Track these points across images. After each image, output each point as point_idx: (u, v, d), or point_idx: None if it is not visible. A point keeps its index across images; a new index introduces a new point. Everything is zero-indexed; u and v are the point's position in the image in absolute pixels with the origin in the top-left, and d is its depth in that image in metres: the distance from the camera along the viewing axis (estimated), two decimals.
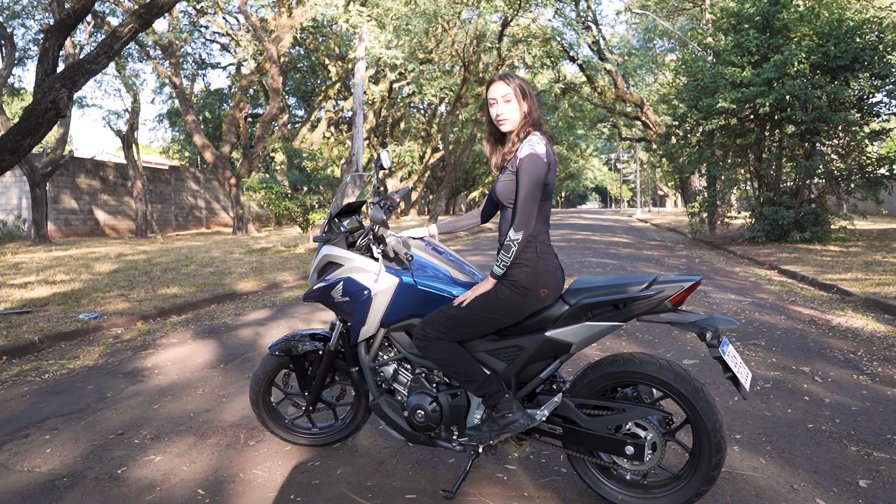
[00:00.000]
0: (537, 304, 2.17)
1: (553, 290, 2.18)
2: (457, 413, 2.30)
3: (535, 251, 2.18)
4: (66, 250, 13.11)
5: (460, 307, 2.20)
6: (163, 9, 6.61)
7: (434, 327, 2.22)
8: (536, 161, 2.12)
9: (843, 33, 10.81)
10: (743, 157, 13.19)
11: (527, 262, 2.16)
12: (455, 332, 2.21)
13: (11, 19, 17.51)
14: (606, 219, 32.72)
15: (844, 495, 2.32)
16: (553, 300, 2.19)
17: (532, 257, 2.17)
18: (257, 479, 2.58)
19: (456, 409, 2.29)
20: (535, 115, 2.25)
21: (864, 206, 18.15)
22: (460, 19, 18.21)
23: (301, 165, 14.60)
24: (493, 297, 2.17)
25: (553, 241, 2.37)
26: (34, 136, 5.79)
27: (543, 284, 2.16)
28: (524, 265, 2.16)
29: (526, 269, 2.15)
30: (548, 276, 2.17)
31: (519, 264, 2.16)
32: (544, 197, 2.18)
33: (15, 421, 3.33)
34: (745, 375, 2.05)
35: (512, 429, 2.16)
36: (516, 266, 2.16)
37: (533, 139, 2.17)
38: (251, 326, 5.63)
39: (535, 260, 2.16)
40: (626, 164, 58.22)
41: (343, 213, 2.62)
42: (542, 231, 2.23)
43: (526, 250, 2.17)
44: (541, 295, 2.16)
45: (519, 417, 2.16)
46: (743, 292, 6.82)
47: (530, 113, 2.24)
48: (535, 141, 2.16)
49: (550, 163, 2.17)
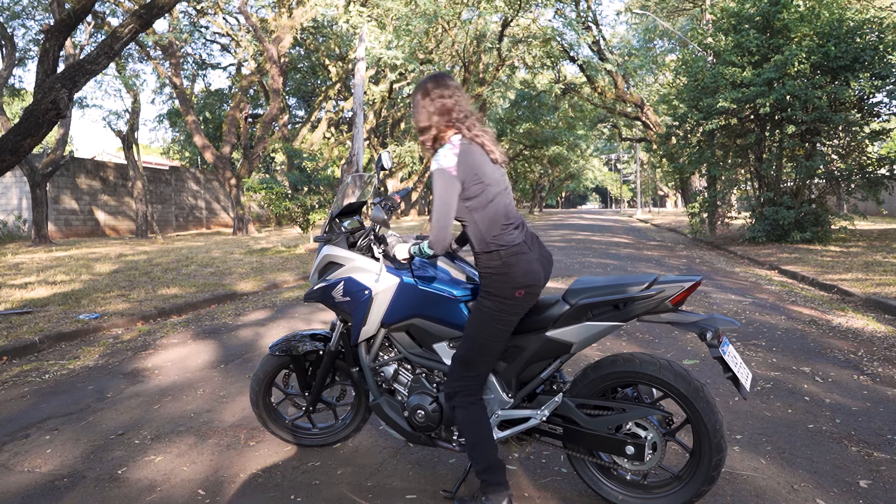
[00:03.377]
0: (524, 304, 2.12)
1: (532, 287, 2.09)
2: None
3: (499, 258, 2.08)
4: (67, 251, 13.12)
5: (464, 344, 2.15)
6: (163, 9, 6.61)
7: (457, 379, 2.16)
8: (443, 177, 2.02)
9: (844, 33, 10.81)
10: (743, 157, 13.19)
11: (494, 271, 2.08)
12: (477, 368, 2.14)
13: (12, 20, 17.53)
14: (607, 219, 32.72)
15: (845, 496, 2.32)
16: (535, 297, 2.13)
17: (498, 265, 2.08)
18: (257, 479, 2.58)
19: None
20: (454, 115, 2.10)
21: (864, 207, 18.16)
22: (460, 20, 18.21)
23: (301, 166, 14.61)
24: (483, 314, 2.11)
25: (553, 241, 2.38)
26: (34, 136, 5.79)
27: (517, 286, 2.07)
28: (493, 274, 2.09)
29: (495, 277, 2.08)
30: (521, 277, 2.07)
31: (487, 274, 2.10)
32: (490, 196, 2.07)
33: (15, 421, 3.33)
34: (746, 375, 2.05)
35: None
36: (486, 276, 2.10)
37: (441, 151, 2.06)
38: (251, 327, 5.63)
39: (502, 266, 2.07)
40: (626, 165, 58.22)
41: (344, 214, 2.62)
42: (505, 232, 2.10)
43: (490, 259, 2.09)
44: (517, 297, 2.08)
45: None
46: (743, 292, 6.82)
47: (441, 114, 2.11)
48: (442, 154, 2.05)
49: (465, 173, 2.04)
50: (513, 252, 2.09)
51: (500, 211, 2.11)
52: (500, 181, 2.15)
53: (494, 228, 2.09)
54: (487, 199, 2.09)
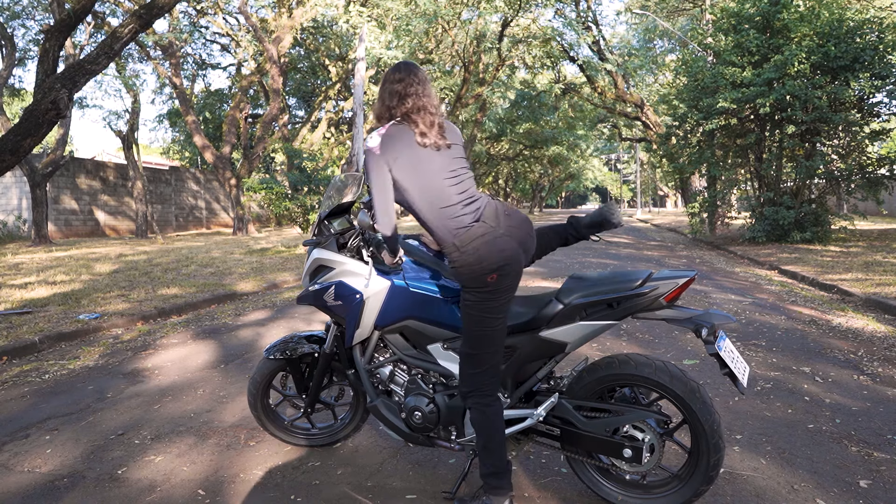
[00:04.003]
0: (503, 286, 2.02)
1: (504, 268, 2.00)
2: (454, 413, 2.29)
3: (455, 248, 2.01)
4: (67, 251, 13.12)
5: (464, 342, 2.12)
6: (163, 9, 6.61)
7: (468, 378, 2.12)
8: (369, 156, 2.07)
9: (844, 33, 10.80)
10: (743, 157, 13.19)
11: (457, 263, 2.03)
12: (482, 362, 2.08)
13: (12, 20, 17.53)
14: None
15: (845, 496, 2.32)
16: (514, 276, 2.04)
17: (458, 256, 2.02)
18: (257, 479, 2.58)
19: (453, 410, 2.28)
20: (385, 104, 2.14)
21: (864, 207, 18.16)
22: (460, 20, 18.22)
23: (301, 166, 14.61)
24: (469, 308, 2.06)
25: None
26: (34, 136, 5.79)
27: (486, 271, 1.99)
28: (458, 267, 2.03)
29: (460, 269, 2.03)
30: (487, 261, 1.98)
31: (454, 268, 2.05)
32: (422, 180, 2.04)
33: (15, 421, 3.33)
34: (743, 370, 2.03)
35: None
36: (455, 270, 2.06)
37: (371, 133, 2.12)
38: (251, 327, 5.63)
39: (461, 255, 2.00)
40: (626, 165, 58.20)
41: (333, 215, 2.60)
42: (452, 217, 2.03)
43: (450, 252, 2.04)
44: (491, 282, 2.00)
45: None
46: (743, 292, 6.82)
47: (381, 102, 2.15)
48: (371, 135, 2.10)
49: (388, 154, 2.04)
50: (468, 238, 2.00)
51: (438, 195, 2.05)
52: (439, 165, 2.07)
53: (438, 214, 2.04)
54: (421, 183, 2.05)
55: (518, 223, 2.10)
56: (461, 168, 2.14)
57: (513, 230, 2.06)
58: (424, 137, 2.08)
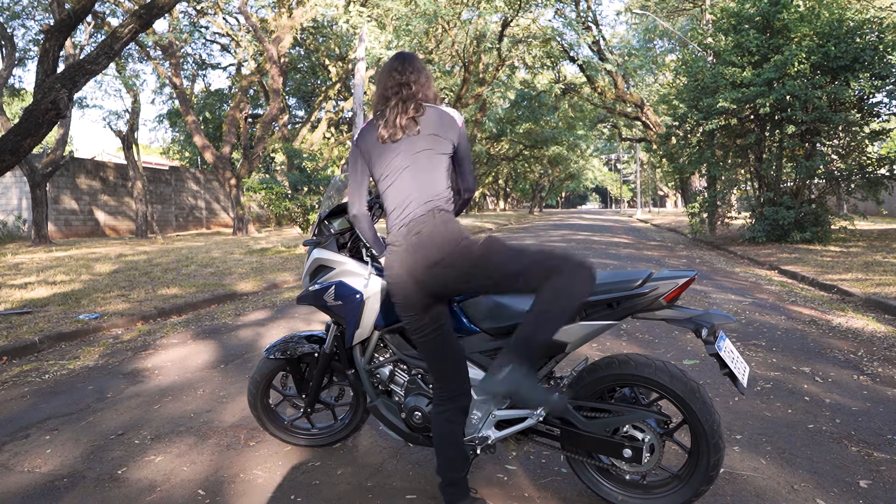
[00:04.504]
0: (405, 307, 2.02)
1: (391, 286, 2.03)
2: None
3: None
4: (67, 251, 13.12)
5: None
6: (163, 9, 6.61)
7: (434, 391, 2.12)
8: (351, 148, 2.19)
9: (844, 33, 10.81)
10: (743, 157, 13.19)
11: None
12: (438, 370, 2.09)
13: (12, 20, 17.53)
14: (607, 219, 32.72)
15: (845, 496, 2.32)
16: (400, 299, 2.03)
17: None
18: (257, 479, 2.58)
19: None
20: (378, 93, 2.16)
21: (864, 207, 18.17)
22: (460, 20, 18.22)
23: (301, 166, 14.62)
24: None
25: (554, 241, 2.38)
26: (34, 136, 5.79)
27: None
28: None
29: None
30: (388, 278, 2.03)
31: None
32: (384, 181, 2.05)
33: (15, 421, 3.33)
34: (743, 370, 2.03)
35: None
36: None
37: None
38: (251, 327, 5.63)
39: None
40: (626, 165, 58.25)
41: (333, 214, 2.60)
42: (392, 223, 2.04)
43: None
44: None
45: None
46: (743, 292, 6.82)
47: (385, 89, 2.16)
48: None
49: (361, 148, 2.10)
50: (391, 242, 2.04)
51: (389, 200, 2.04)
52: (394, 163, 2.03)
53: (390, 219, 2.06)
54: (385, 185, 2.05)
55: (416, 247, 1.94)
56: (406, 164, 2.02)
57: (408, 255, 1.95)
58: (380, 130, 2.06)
